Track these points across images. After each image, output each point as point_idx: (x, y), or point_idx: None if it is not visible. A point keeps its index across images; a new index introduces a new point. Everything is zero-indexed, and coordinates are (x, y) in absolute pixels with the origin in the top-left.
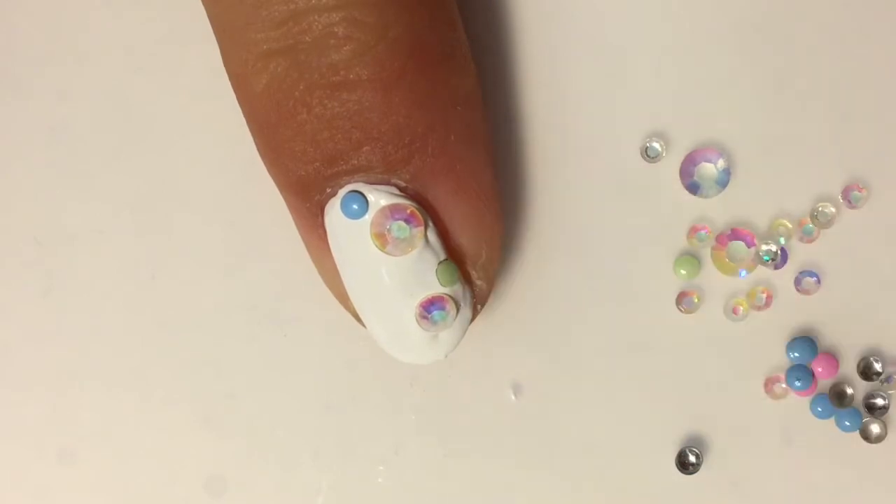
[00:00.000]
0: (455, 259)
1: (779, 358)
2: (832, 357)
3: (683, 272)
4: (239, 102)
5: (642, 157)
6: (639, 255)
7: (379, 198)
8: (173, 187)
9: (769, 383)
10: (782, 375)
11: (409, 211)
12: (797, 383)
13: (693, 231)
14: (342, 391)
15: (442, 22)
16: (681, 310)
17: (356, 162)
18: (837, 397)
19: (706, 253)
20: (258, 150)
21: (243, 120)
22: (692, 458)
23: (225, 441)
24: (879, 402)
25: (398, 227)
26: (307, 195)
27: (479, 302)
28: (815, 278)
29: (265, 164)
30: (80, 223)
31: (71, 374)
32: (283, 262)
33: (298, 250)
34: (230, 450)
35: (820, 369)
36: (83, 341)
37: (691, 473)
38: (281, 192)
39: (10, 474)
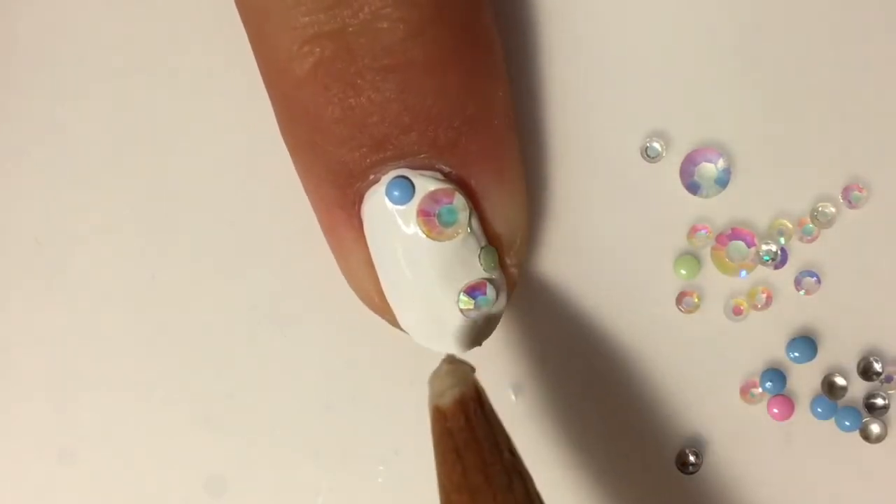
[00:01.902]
0: (492, 244)
1: (779, 358)
2: (789, 399)
3: (683, 272)
4: (275, 90)
5: (642, 157)
6: (639, 255)
7: (425, 183)
8: (174, 187)
9: (745, 389)
10: (757, 380)
11: (455, 195)
12: (768, 384)
13: (693, 231)
14: (342, 391)
15: (483, 2)
16: (681, 310)
17: (404, 146)
18: (829, 388)
19: (706, 253)
20: (291, 141)
21: (243, 120)
22: (692, 458)
23: (225, 441)
24: (879, 402)
25: (448, 212)
26: (348, 182)
27: (511, 288)
28: (815, 278)
29: (299, 155)
30: (80, 223)
31: (71, 374)
32: (283, 262)
33: (298, 250)
34: (230, 450)
35: (776, 410)
36: (83, 341)
37: (691, 473)
38: (313, 185)
39: (10, 474)
